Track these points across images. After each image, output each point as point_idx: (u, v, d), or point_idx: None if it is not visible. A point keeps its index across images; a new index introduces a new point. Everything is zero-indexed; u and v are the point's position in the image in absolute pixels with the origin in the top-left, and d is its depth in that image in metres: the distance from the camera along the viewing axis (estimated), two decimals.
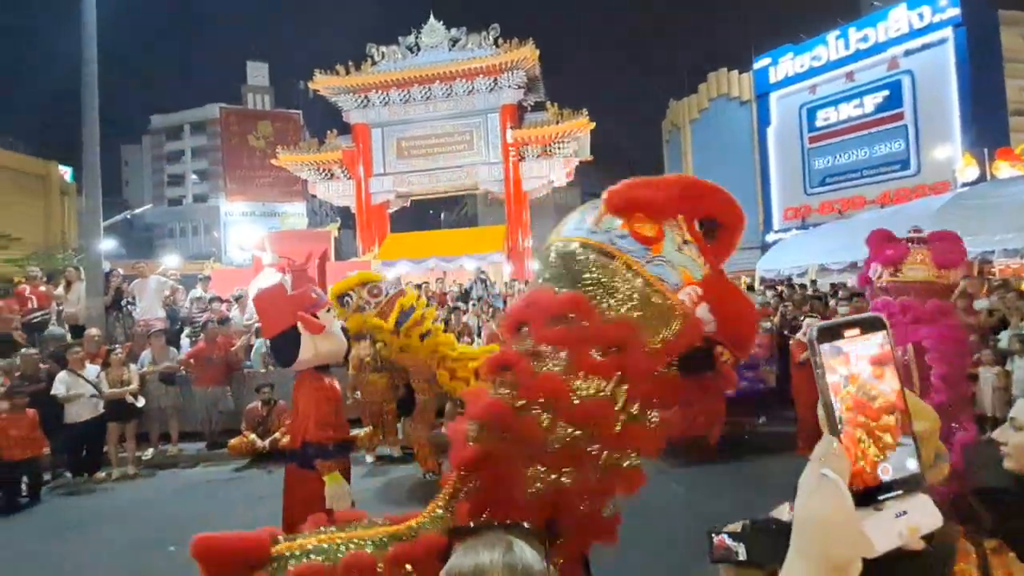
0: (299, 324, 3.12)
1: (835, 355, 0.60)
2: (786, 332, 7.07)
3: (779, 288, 9.67)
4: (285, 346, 3.15)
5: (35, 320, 8.09)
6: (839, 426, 0.59)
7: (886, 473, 0.59)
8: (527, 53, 17.01)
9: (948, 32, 21.68)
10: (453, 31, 17.94)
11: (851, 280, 11.69)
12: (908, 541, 0.57)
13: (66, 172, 29.97)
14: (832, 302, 8.36)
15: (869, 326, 0.61)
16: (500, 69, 17.37)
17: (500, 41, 17.41)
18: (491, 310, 8.86)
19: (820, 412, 0.63)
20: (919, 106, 22.31)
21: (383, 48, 18.17)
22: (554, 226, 1.70)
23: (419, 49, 18.03)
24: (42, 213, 27.56)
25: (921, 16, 22.16)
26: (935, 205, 11.48)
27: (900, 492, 0.59)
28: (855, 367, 0.60)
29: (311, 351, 3.14)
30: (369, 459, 6.39)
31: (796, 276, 12.50)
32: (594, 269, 1.46)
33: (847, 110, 24.17)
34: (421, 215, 35.41)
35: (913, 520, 0.58)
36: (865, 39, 23.58)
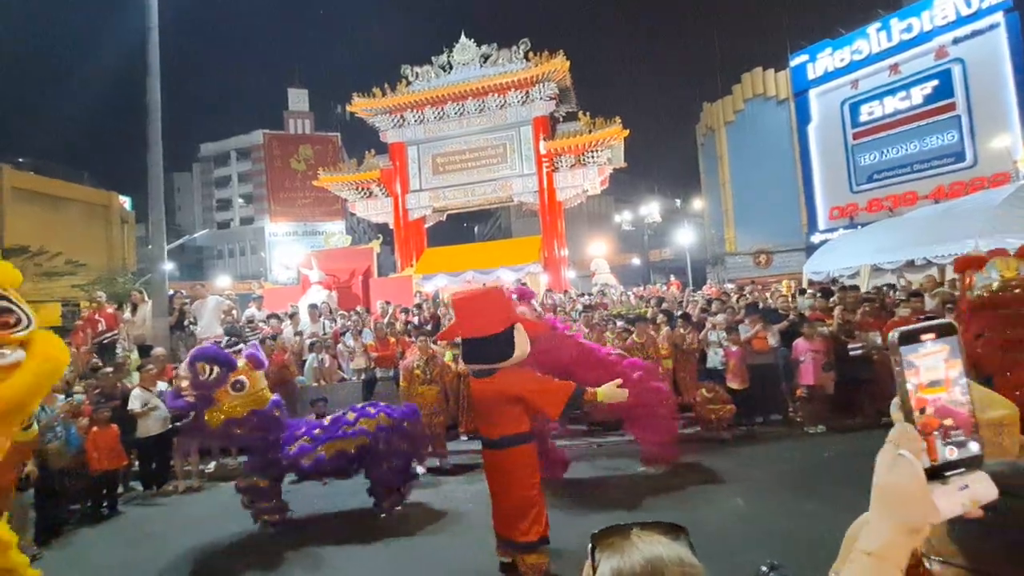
0: (517, 325, 3.87)
1: (914, 355, 0.71)
2: (843, 337, 6.84)
3: (833, 288, 9.35)
4: (504, 344, 3.81)
5: (104, 341, 8.61)
6: (914, 415, 0.70)
7: (952, 454, 0.69)
8: (557, 65, 17.14)
9: (999, 17, 20.71)
10: (484, 47, 18.26)
11: (902, 280, 11.19)
12: (970, 510, 0.68)
13: (125, 201, 31.81)
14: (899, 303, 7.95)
15: (943, 331, 0.71)
16: (531, 82, 17.55)
17: (531, 54, 17.60)
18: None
19: (895, 404, 0.73)
20: (972, 95, 21.28)
21: (417, 68, 18.64)
22: (588, 234, 1.74)
23: (451, 67, 18.42)
24: (104, 240, 29.29)
25: (968, 3, 21.24)
26: (997, 198, 10.87)
27: (963, 470, 0.69)
28: (929, 366, 0.71)
29: (524, 347, 3.85)
30: (420, 470, 6.48)
31: (847, 277, 12.05)
32: None
33: (893, 103, 23.26)
34: (456, 228, 35.93)
35: (975, 493, 0.69)
36: (909, 29, 22.72)
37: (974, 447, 0.70)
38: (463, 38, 18.42)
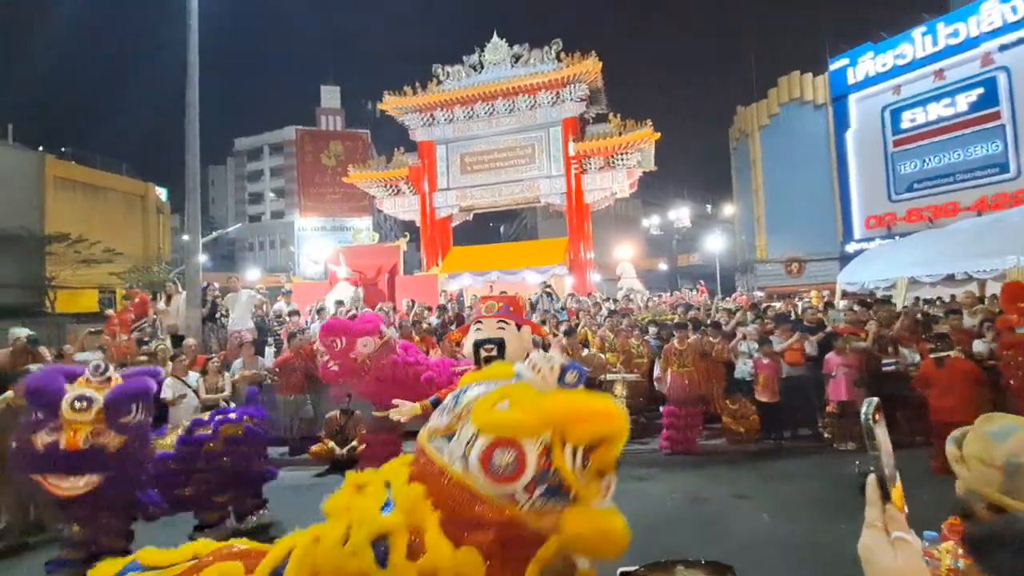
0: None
1: (880, 431, 0.74)
2: (877, 352, 6.62)
3: (870, 300, 9.11)
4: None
5: (133, 329, 8.84)
6: (892, 491, 0.71)
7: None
8: (589, 66, 17.02)
9: None
10: (516, 48, 18.24)
11: (944, 294, 10.81)
12: None
13: (161, 192, 32.80)
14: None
15: (879, 408, 0.77)
16: (562, 83, 17.48)
17: (562, 55, 17.52)
18: (556, 323, 8.81)
19: (871, 483, 0.73)
20: (1017, 104, 20.43)
21: (448, 68, 18.74)
22: (614, 237, 1.71)
23: (482, 67, 18.45)
24: (140, 230, 30.26)
25: (1015, 9, 20.41)
26: None
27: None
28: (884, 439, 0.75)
29: None
30: None
31: (883, 290, 11.68)
32: None
33: (936, 110, 22.45)
34: (481, 228, 36.00)
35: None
36: (955, 34, 21.90)
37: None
38: (495, 38, 18.45)
